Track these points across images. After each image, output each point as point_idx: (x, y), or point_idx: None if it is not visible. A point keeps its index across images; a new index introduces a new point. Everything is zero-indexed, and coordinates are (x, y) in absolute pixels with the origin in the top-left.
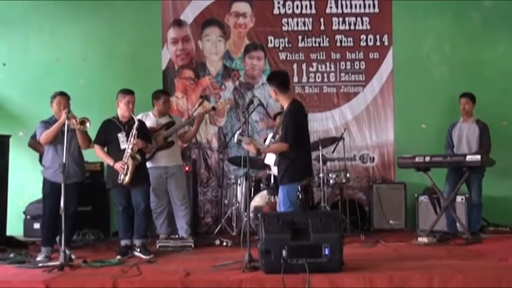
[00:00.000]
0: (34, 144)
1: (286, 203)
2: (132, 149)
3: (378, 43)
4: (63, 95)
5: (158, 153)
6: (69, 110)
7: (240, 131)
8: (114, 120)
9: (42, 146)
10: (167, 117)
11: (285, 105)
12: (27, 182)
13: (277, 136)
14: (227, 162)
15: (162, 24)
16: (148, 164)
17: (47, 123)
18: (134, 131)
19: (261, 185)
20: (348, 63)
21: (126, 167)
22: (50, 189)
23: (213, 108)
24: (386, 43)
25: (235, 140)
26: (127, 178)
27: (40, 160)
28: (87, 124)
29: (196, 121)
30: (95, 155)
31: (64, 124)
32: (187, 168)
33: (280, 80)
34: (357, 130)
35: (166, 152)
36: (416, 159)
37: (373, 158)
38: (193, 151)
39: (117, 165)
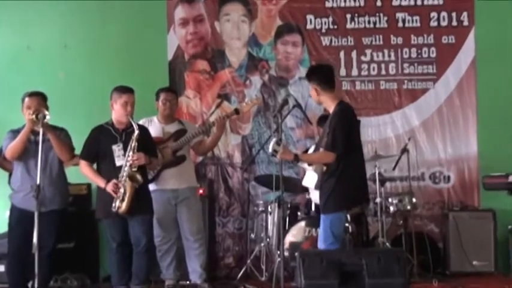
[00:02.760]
0: (1, 161)
1: (327, 237)
2: (130, 166)
3: (455, 23)
4: (35, 95)
5: (165, 171)
6: (38, 111)
7: (277, 139)
8: (107, 127)
9: (11, 163)
10: (176, 124)
11: (330, 108)
12: None
13: (320, 149)
14: (254, 183)
15: (167, 0)
16: (152, 187)
17: (17, 133)
18: (134, 142)
19: (299, 213)
20: (414, 50)
21: (122, 190)
22: (18, 219)
23: (236, 112)
24: (465, 23)
25: (270, 150)
26: (124, 205)
27: (9, 181)
28: (44, 115)
29: (216, 128)
30: (81, 173)
31: (36, 133)
32: (201, 192)
33: (323, 76)
34: (425, 140)
35: (176, 170)
36: (510, 179)
37: (449, 177)
38: (209, 168)
39: (110, 188)
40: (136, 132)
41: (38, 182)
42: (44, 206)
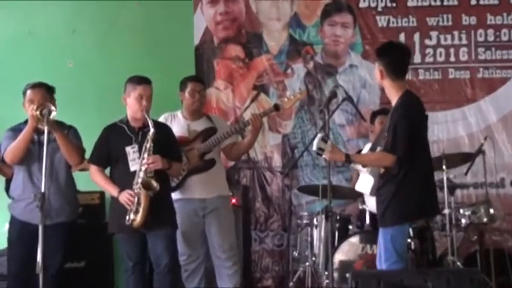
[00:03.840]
0: None
1: (390, 255)
2: (145, 171)
3: None
4: (38, 87)
5: (191, 178)
6: (43, 107)
7: (323, 134)
8: (121, 125)
9: (10, 168)
10: (205, 121)
11: (393, 99)
12: None
13: (378, 149)
14: (297, 192)
15: None
16: (176, 195)
17: (17, 132)
18: (149, 143)
19: (350, 227)
20: (490, 31)
21: (136, 199)
22: (19, 233)
23: (275, 108)
24: None
25: (315, 147)
26: (138, 218)
27: (7, 188)
28: (50, 110)
29: (251, 127)
30: (92, 180)
31: (40, 131)
32: (234, 201)
33: (394, 57)
34: (505, 139)
35: (204, 176)
36: None
37: None
38: (243, 174)
39: (123, 197)
40: (152, 130)
41: (42, 189)
42: (49, 218)
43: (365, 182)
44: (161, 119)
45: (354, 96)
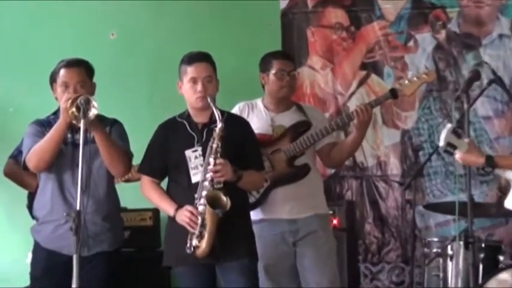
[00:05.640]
0: (16, 172)
1: None
2: (211, 181)
3: None
4: (75, 66)
5: (276, 191)
6: (76, 96)
7: (454, 125)
8: (180, 121)
9: (34, 177)
10: (294, 113)
11: None
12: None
13: None
14: (423, 210)
15: None
16: (256, 215)
17: (44, 127)
18: (215, 142)
19: (501, 257)
20: None
21: (200, 220)
22: (46, 267)
23: (392, 94)
24: None
25: (442, 142)
26: (204, 244)
27: (29, 206)
28: (88, 100)
29: (357, 121)
30: (142, 195)
31: (74, 128)
32: (336, 223)
33: None
34: None
35: (294, 188)
36: None
37: None
38: (347, 185)
39: (182, 216)
40: (220, 125)
41: (77, 207)
42: (85, 246)
43: None
44: (235, 111)
45: (504, 78)
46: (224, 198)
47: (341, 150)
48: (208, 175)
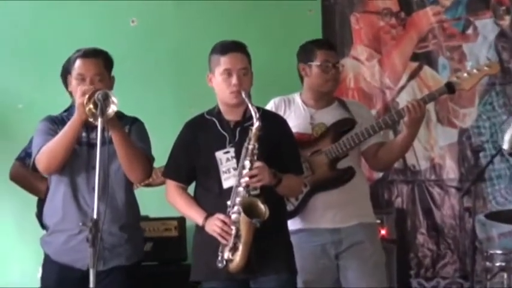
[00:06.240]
0: (24, 175)
1: None
2: (247, 187)
3: None
4: (92, 56)
5: (317, 197)
6: (94, 90)
7: None
8: (209, 119)
9: (44, 181)
10: (337, 109)
11: None
12: (9, 263)
13: None
14: (484, 219)
15: None
16: (294, 224)
17: (56, 125)
18: (251, 143)
19: None
20: None
21: (234, 231)
22: (58, 282)
23: (448, 88)
24: None
25: (507, 145)
26: (238, 257)
27: (39, 214)
28: (107, 95)
29: (408, 119)
30: (167, 202)
31: (90, 127)
32: (384, 233)
33: None
34: None
35: (337, 194)
36: None
37: None
38: (397, 190)
39: (213, 226)
40: (257, 124)
41: (94, 215)
42: (101, 259)
43: None
44: (269, 107)
45: None
46: (262, 206)
47: (389, 151)
48: (244, 180)
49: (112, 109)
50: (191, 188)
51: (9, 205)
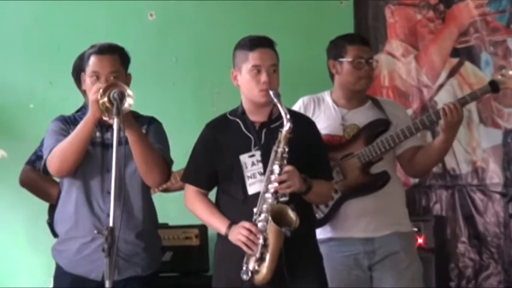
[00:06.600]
0: (34, 180)
1: None
2: (275, 193)
3: None
4: (108, 52)
5: (349, 204)
6: (114, 87)
7: None
8: (233, 119)
9: (55, 186)
10: (370, 109)
11: None
12: (19, 275)
13: None
14: None
15: None
16: (324, 233)
17: (68, 125)
18: (281, 146)
19: None
20: None
21: (261, 240)
22: None
23: (492, 87)
24: None
25: None
26: (264, 269)
27: (51, 221)
28: (122, 94)
29: (443, 122)
30: (186, 208)
31: (104, 126)
32: (421, 242)
33: None
34: None
35: (371, 201)
36: None
37: None
38: (435, 196)
39: (237, 235)
40: (288, 125)
41: (110, 222)
42: (116, 268)
43: None
44: (298, 107)
45: None
46: (292, 213)
47: (426, 156)
48: (272, 186)
49: (128, 103)
50: (212, 194)
51: (20, 213)
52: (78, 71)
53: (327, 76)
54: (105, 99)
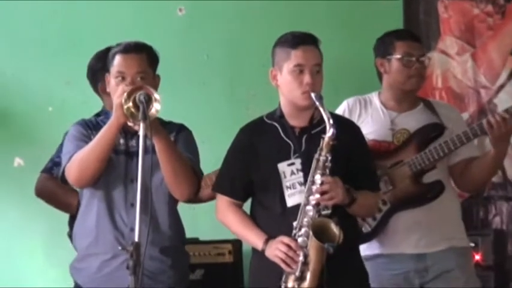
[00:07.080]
0: (51, 189)
1: None
2: (317, 205)
3: None
4: (134, 51)
5: (398, 216)
6: (139, 89)
7: None
8: (270, 123)
9: (75, 195)
10: (422, 112)
11: None
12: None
13: None
14: None
15: None
16: (371, 249)
17: (90, 130)
18: (323, 154)
19: None
20: None
21: (301, 257)
22: None
23: None
24: None
25: None
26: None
27: (71, 233)
28: (149, 97)
29: (491, 137)
30: (218, 221)
31: (129, 132)
32: (479, 259)
33: None
34: None
35: (423, 213)
36: None
37: None
38: (494, 209)
39: (275, 251)
40: (331, 132)
41: (136, 237)
42: (140, 287)
43: None
44: (342, 109)
45: None
46: (335, 228)
47: (477, 170)
48: (313, 197)
49: (155, 108)
50: (246, 206)
51: (39, 225)
52: (93, 72)
53: (375, 76)
54: (130, 103)
